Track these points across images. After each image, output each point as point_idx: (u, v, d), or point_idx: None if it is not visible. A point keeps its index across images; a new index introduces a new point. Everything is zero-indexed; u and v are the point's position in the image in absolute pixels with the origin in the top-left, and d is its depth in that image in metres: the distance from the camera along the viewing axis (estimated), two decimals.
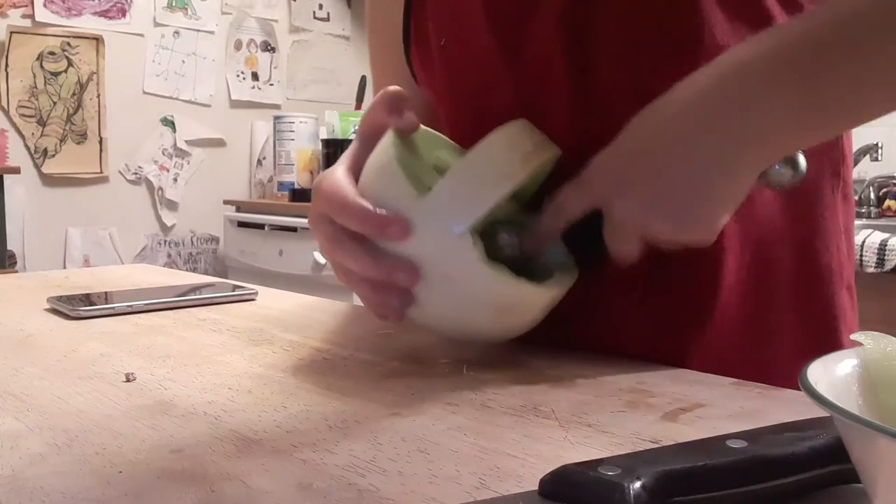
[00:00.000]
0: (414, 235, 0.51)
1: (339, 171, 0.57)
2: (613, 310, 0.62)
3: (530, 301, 0.55)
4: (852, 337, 0.32)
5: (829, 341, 0.63)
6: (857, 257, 1.65)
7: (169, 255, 3.29)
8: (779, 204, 0.62)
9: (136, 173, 3.19)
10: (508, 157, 0.53)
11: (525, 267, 0.55)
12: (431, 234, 0.52)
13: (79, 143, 3.03)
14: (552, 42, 0.61)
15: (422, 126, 0.60)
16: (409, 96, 0.60)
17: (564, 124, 0.61)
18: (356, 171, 0.57)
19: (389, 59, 0.77)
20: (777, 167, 0.52)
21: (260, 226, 2.85)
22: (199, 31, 3.30)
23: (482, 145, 0.53)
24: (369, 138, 0.58)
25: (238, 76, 3.42)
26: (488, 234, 0.55)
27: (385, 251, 0.53)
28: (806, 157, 0.53)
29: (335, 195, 0.54)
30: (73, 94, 3.01)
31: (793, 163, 0.52)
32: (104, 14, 3.07)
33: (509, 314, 0.55)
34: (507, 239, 0.56)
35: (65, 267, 2.97)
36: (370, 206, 0.53)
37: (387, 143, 0.56)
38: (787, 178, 0.52)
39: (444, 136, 0.63)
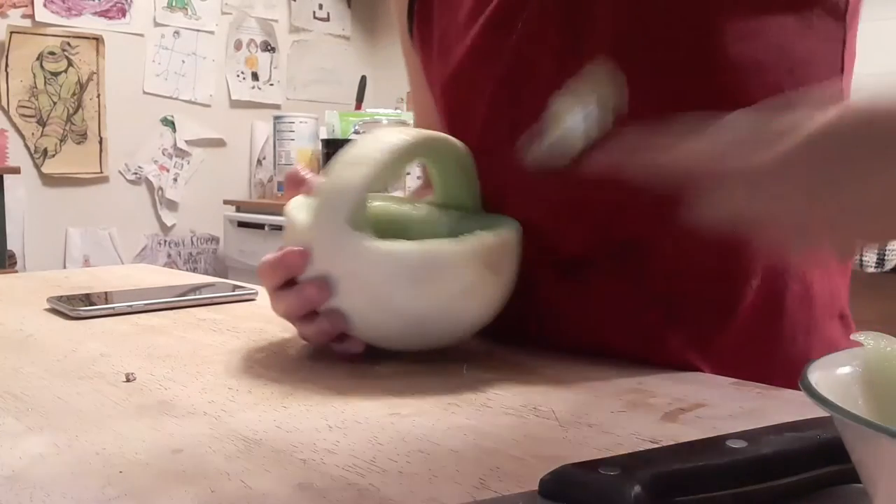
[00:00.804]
0: (313, 255, 0.55)
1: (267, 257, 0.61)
2: (612, 312, 0.62)
3: (445, 259, 0.54)
4: (852, 337, 0.32)
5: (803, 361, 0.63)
6: (857, 257, 1.65)
7: (169, 255, 3.29)
8: None
9: (136, 173, 3.19)
10: (362, 152, 0.56)
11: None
12: (321, 245, 0.55)
13: (79, 143, 3.04)
14: (542, 43, 0.61)
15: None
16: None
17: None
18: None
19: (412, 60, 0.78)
20: None
21: (260, 226, 2.85)
22: (199, 31, 3.31)
23: (344, 152, 0.57)
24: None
25: (238, 76, 3.42)
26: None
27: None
28: None
29: (258, 268, 0.59)
30: (73, 94, 3.01)
31: None
32: (104, 14, 3.07)
33: (430, 282, 0.54)
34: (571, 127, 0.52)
35: (65, 267, 2.97)
36: (274, 257, 0.57)
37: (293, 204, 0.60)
38: None
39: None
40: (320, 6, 3.61)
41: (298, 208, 0.59)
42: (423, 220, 0.64)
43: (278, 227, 2.76)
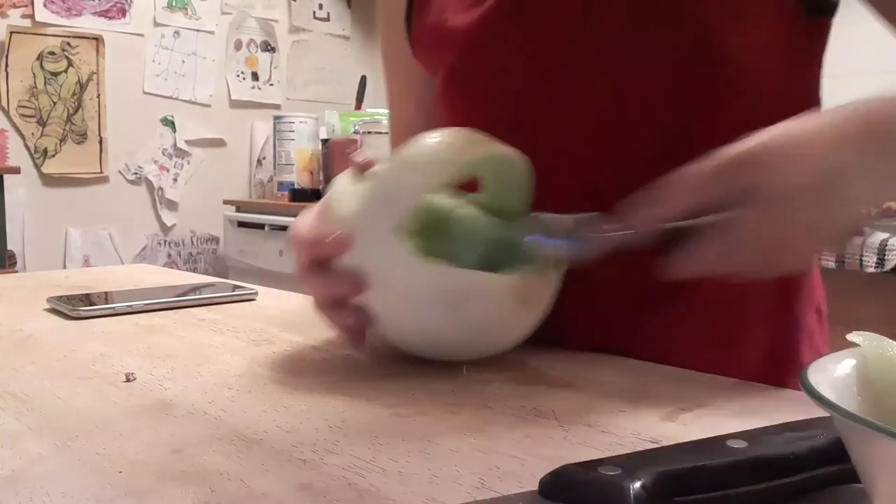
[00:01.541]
0: (354, 247, 0.54)
1: (301, 222, 0.61)
2: (612, 311, 0.63)
3: (481, 290, 0.53)
4: (849, 337, 0.32)
5: (791, 351, 0.66)
6: (858, 257, 1.65)
7: (169, 255, 3.29)
8: None
9: (136, 173, 3.19)
10: (434, 157, 0.54)
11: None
12: (365, 241, 0.53)
13: (79, 143, 3.03)
14: (565, 21, 0.61)
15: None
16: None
17: (576, 111, 0.61)
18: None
19: (397, 46, 0.77)
20: None
21: (260, 226, 2.85)
22: (199, 31, 3.30)
23: (401, 152, 0.55)
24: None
25: (238, 76, 3.42)
26: (500, 253, 0.56)
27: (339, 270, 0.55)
28: None
29: (293, 236, 0.59)
30: (73, 94, 3.01)
31: None
32: (104, 14, 3.07)
33: (461, 310, 0.53)
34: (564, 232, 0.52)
35: (65, 267, 2.97)
36: (314, 234, 0.56)
37: (337, 185, 0.59)
38: None
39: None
40: (320, 6, 3.61)
41: (345, 193, 0.57)
42: (465, 220, 0.61)
43: (278, 227, 2.76)
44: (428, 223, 0.57)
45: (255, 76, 3.47)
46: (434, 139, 0.56)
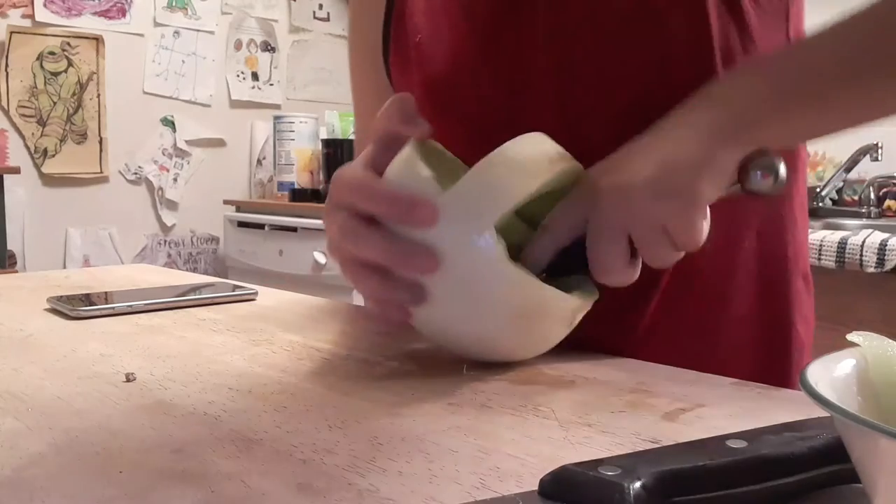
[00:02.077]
0: (437, 227, 0.50)
1: (360, 166, 0.56)
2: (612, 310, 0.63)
3: (552, 308, 0.53)
4: (849, 337, 0.32)
5: (782, 323, 0.67)
6: (858, 257, 1.65)
7: (169, 255, 3.29)
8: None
9: (136, 173, 3.19)
10: (534, 158, 0.52)
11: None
12: (454, 227, 0.50)
13: (79, 143, 3.04)
14: (532, 37, 0.62)
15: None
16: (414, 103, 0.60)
17: (545, 122, 0.62)
18: (376, 171, 0.56)
19: (370, 65, 0.77)
20: (758, 174, 0.51)
21: (260, 226, 2.85)
22: (199, 31, 3.30)
23: (508, 145, 0.52)
24: (384, 143, 0.57)
25: (238, 76, 3.42)
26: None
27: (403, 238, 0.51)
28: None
29: (360, 181, 0.53)
30: (73, 94, 3.01)
31: (774, 172, 0.51)
32: (104, 14, 3.07)
33: (528, 321, 0.53)
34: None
35: (65, 267, 2.97)
36: (378, 186, 0.52)
37: (408, 149, 0.54)
38: (767, 186, 0.51)
39: (445, 150, 0.62)
40: (320, 6, 3.61)
41: (415, 166, 0.52)
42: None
43: (278, 227, 2.76)
44: (514, 227, 0.56)
45: (255, 76, 3.47)
46: (540, 142, 0.53)
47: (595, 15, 0.61)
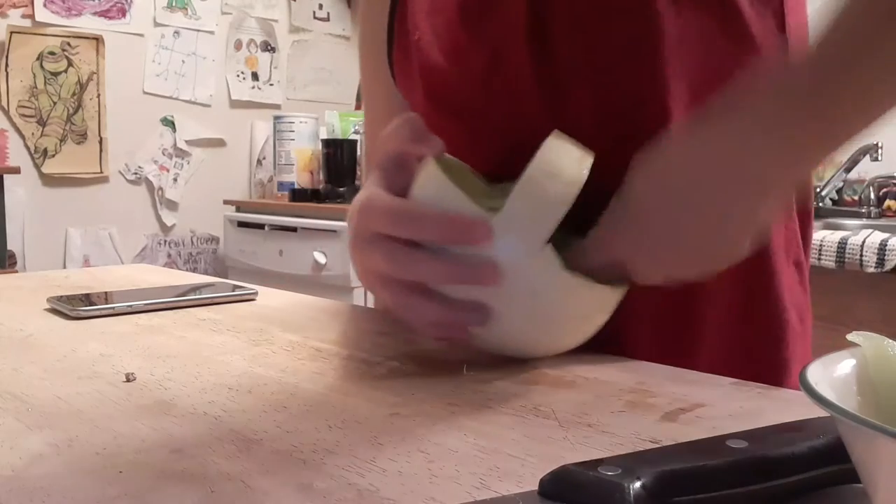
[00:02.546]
0: (492, 244, 0.50)
1: (381, 191, 0.55)
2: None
3: (605, 303, 0.55)
4: (849, 337, 0.32)
5: (768, 306, 0.66)
6: (858, 257, 1.65)
7: (169, 255, 3.29)
8: None
9: (136, 173, 3.19)
10: (568, 164, 0.52)
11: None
12: (510, 244, 0.51)
13: (79, 143, 3.04)
14: (516, 30, 0.62)
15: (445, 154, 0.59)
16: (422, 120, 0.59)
17: (531, 114, 0.62)
18: (395, 194, 0.55)
19: (380, 67, 0.78)
20: None
21: (260, 226, 2.85)
22: (199, 31, 3.30)
23: (541, 155, 0.52)
24: (397, 164, 0.56)
25: (238, 76, 3.42)
26: None
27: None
28: None
29: (399, 207, 0.52)
30: (73, 94, 3.01)
31: None
32: (104, 14, 3.07)
33: (586, 320, 0.55)
34: None
35: (65, 267, 2.97)
36: (445, 214, 0.51)
37: (432, 168, 0.54)
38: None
39: (461, 162, 0.62)
40: (320, 6, 3.61)
41: (456, 193, 0.52)
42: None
43: (278, 227, 2.76)
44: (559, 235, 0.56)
45: (255, 76, 3.47)
46: (563, 145, 0.53)
47: (576, 4, 0.61)
